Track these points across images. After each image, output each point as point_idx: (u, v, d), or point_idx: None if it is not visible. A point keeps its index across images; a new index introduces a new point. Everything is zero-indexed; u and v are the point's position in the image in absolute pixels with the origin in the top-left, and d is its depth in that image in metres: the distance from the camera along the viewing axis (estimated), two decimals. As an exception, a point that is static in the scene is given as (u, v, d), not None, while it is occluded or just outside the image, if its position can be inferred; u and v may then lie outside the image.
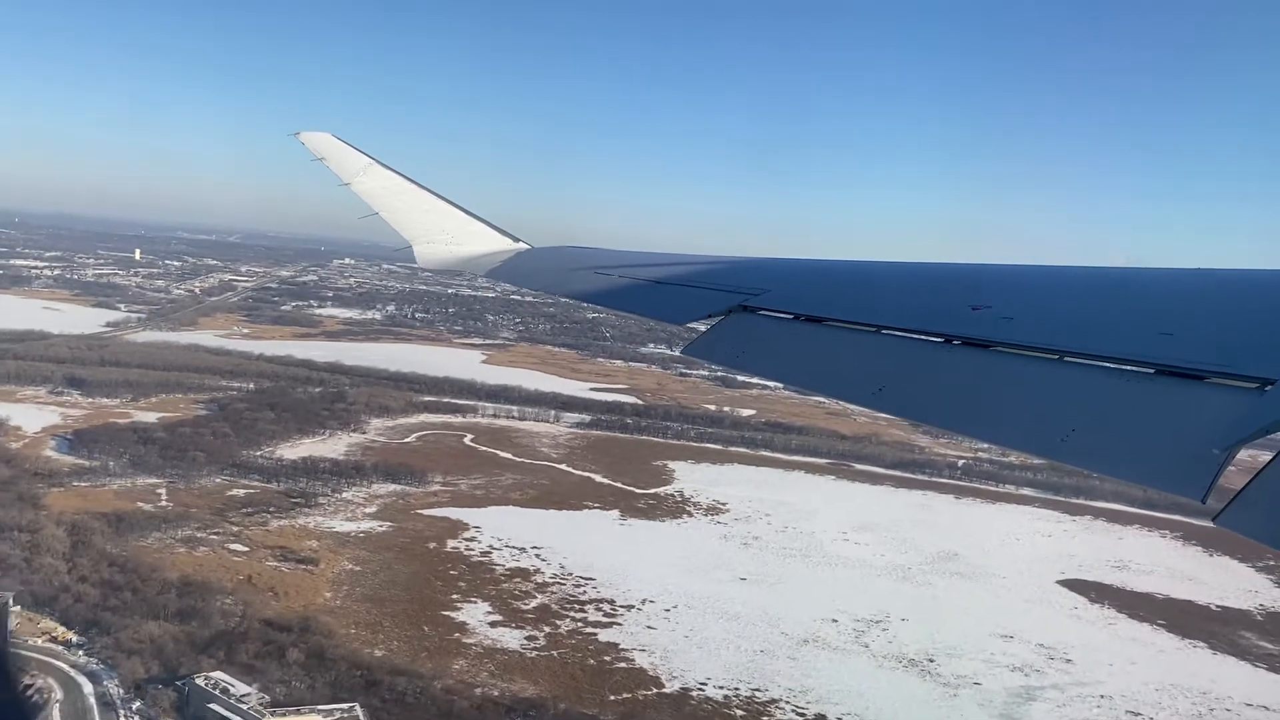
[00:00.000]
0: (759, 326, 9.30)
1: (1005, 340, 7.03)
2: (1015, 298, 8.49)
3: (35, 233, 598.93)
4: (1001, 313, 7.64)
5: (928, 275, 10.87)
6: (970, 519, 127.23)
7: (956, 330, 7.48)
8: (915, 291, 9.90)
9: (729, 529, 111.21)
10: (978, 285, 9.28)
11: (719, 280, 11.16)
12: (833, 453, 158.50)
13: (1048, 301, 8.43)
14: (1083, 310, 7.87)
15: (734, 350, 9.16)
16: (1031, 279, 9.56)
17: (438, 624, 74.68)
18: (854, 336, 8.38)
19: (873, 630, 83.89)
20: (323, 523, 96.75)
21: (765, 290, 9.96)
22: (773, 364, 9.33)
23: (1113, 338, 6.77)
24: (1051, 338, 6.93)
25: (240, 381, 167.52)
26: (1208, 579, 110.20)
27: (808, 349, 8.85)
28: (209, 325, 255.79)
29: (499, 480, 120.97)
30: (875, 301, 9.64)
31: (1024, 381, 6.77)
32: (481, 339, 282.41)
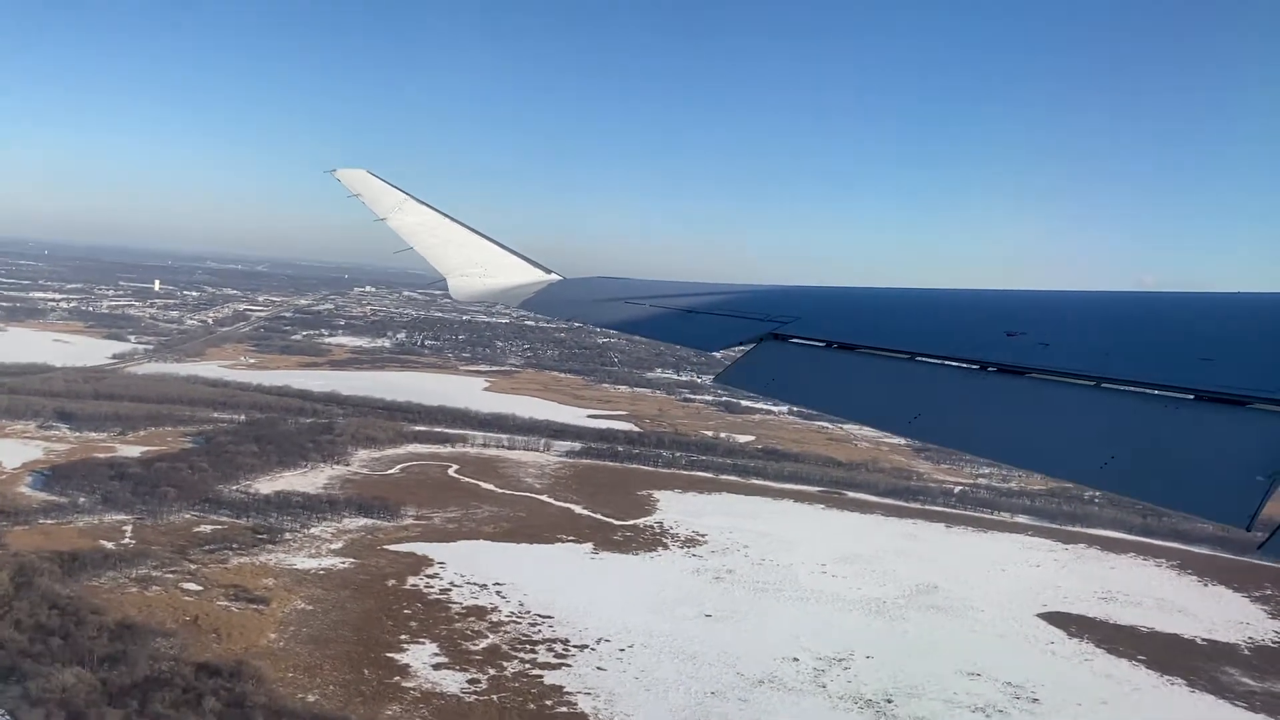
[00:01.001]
0: (791, 354, 9.36)
1: (1041, 366, 7.03)
2: (1051, 324, 8.54)
3: (62, 265, 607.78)
4: (1037, 339, 7.66)
5: (960, 302, 10.93)
6: (957, 549, 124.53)
7: (992, 357, 7.50)
8: (948, 318, 9.90)
9: (704, 562, 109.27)
10: (1012, 311, 9.31)
11: (749, 308, 11.20)
12: (825, 480, 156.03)
13: (1084, 327, 8.44)
14: (1119, 335, 7.82)
15: (766, 378, 9.26)
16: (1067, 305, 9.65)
17: (379, 666, 73.28)
18: (887, 364, 8.44)
19: (834, 669, 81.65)
20: (284, 560, 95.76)
21: (796, 318, 10.04)
22: (806, 392, 9.31)
23: (1151, 363, 6.79)
24: (1088, 363, 6.92)
25: (232, 413, 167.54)
26: (1198, 611, 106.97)
27: (841, 376, 8.89)
28: (216, 356, 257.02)
29: (475, 513, 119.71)
30: (908, 328, 9.65)
31: (1061, 408, 6.77)
32: (488, 365, 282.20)
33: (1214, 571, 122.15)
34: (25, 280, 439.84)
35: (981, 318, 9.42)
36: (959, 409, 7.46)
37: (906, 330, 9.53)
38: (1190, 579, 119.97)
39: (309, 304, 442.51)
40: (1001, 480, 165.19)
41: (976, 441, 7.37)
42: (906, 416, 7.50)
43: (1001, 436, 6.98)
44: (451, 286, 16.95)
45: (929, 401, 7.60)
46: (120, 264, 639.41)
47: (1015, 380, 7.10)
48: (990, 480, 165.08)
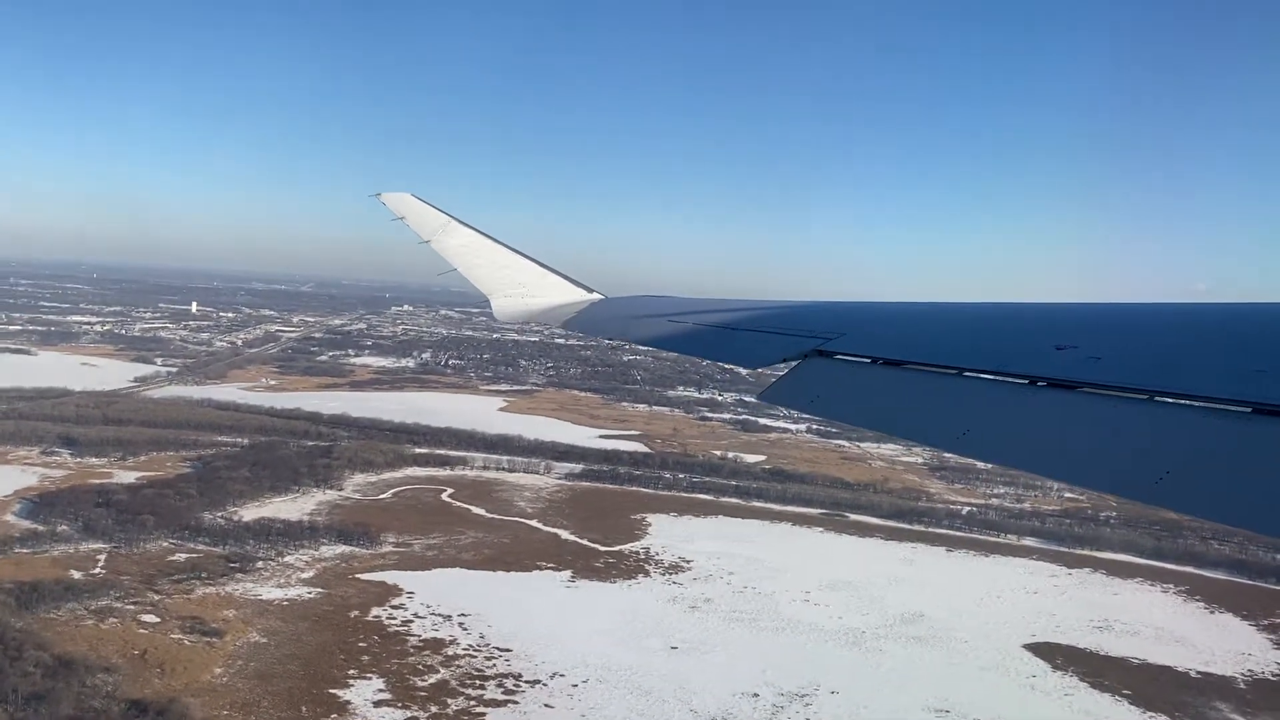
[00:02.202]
0: (836, 371, 9.33)
1: (1093, 381, 6.96)
2: (1101, 337, 8.38)
3: (109, 287, 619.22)
4: (1088, 352, 7.57)
5: (1008, 315, 10.86)
6: (954, 574, 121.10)
7: (1042, 371, 7.45)
8: (996, 332, 9.75)
9: (683, 590, 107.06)
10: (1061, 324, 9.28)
11: (792, 324, 11.15)
12: (829, 502, 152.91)
13: (1135, 340, 8.24)
14: (1172, 348, 7.75)
15: (811, 396, 9.21)
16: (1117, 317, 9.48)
17: (319, 704, 72.04)
18: (935, 380, 8.38)
19: (794, 705, 79.10)
20: (251, 589, 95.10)
21: (840, 334, 9.99)
22: (852, 409, 9.33)
23: (1205, 376, 6.71)
24: (1141, 377, 6.81)
25: (236, 437, 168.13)
26: (1198, 640, 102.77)
27: (888, 393, 8.81)
28: (237, 378, 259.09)
29: (458, 540, 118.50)
30: (955, 343, 9.49)
31: (1114, 423, 6.68)
32: (509, 385, 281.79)
33: (1224, 597, 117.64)
34: (67, 304, 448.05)
35: (1030, 331, 9.35)
36: (1009, 424, 7.41)
37: (953, 345, 9.35)
38: (1196, 606, 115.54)
39: (342, 324, 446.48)
40: (1015, 501, 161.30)
41: (1027, 457, 7.22)
42: (956, 433, 7.44)
43: (1053, 452, 6.88)
44: (495, 307, 17.14)
45: (978, 417, 7.56)
46: (166, 286, 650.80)
47: (1066, 395, 7.06)
48: (1003, 501, 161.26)
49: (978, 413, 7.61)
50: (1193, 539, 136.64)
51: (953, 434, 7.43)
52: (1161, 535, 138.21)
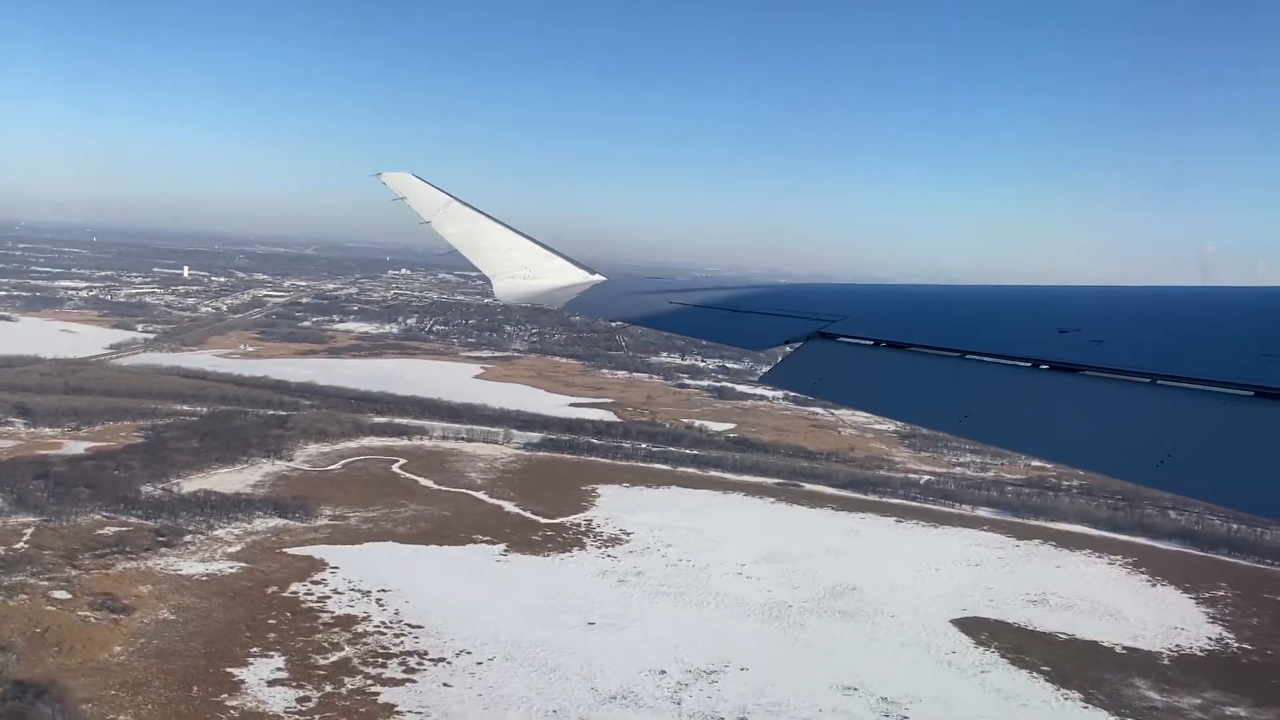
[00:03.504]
0: (839, 353, 9.31)
1: (1095, 364, 6.99)
2: (1104, 320, 8.38)
3: (106, 251, 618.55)
4: (1090, 336, 7.59)
5: (1011, 298, 10.86)
6: (897, 546, 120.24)
7: (1044, 354, 7.46)
8: (999, 315, 9.72)
9: (616, 563, 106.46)
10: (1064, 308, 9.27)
11: (796, 306, 11.08)
12: (787, 471, 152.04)
13: (1138, 323, 8.25)
14: (1175, 332, 7.71)
15: (814, 378, 9.17)
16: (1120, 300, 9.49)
17: (212, 683, 71.68)
18: (938, 362, 8.38)
19: (699, 683, 78.51)
20: (173, 564, 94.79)
21: (843, 316, 9.96)
22: (854, 392, 9.32)
23: (1208, 359, 6.72)
24: (1143, 360, 6.83)
25: (198, 405, 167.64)
26: (1133, 614, 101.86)
27: (890, 376, 8.81)
28: (216, 344, 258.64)
29: (397, 512, 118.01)
30: (957, 326, 9.48)
31: (1116, 406, 6.71)
32: (491, 351, 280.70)
33: (1170, 570, 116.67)
34: (59, 268, 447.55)
35: (1032, 315, 9.32)
36: (1011, 407, 7.42)
37: (956, 328, 9.36)
38: (1139, 579, 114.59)
39: (334, 289, 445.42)
40: (979, 470, 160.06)
41: (1029, 440, 7.33)
42: (957, 416, 7.48)
43: (1054, 435, 6.90)
44: (496, 289, 17.14)
45: (980, 400, 7.58)
46: (164, 249, 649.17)
47: (1068, 378, 7.10)
48: (967, 470, 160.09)
49: (980, 396, 7.65)
50: (1150, 509, 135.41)
51: (955, 417, 7.50)
52: (1119, 506, 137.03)
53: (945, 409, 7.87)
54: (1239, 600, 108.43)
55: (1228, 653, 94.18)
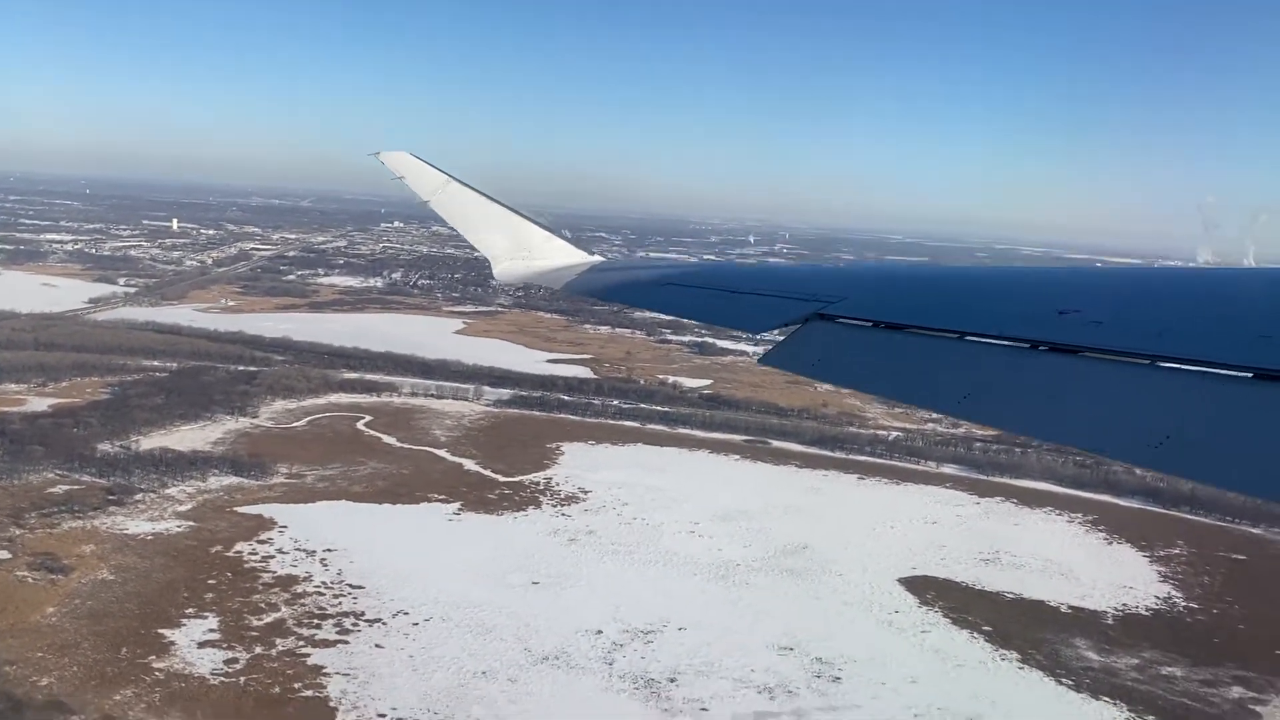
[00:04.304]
0: (837, 334, 9.35)
1: (1094, 345, 7.07)
2: (1104, 301, 8.38)
3: (99, 203, 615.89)
4: (1090, 317, 7.64)
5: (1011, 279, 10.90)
6: (856, 504, 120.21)
7: (1043, 335, 7.50)
8: (999, 296, 9.72)
9: (570, 522, 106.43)
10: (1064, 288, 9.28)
11: (793, 288, 11.02)
12: (756, 428, 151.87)
13: (1138, 304, 8.23)
14: (1175, 313, 7.68)
15: (812, 359, 9.26)
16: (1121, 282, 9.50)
17: (142, 645, 71.80)
18: (937, 343, 8.41)
19: (634, 644, 78.60)
20: (119, 524, 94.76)
21: (842, 297, 9.96)
22: (853, 373, 9.42)
23: (1207, 341, 6.80)
24: (1143, 342, 6.86)
25: (168, 361, 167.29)
26: (1084, 573, 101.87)
27: (889, 357, 8.83)
28: (197, 298, 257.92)
29: (355, 471, 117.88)
30: (957, 307, 9.45)
31: (1115, 387, 6.78)
32: (474, 305, 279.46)
33: (1128, 527, 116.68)
34: (48, 221, 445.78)
35: (1033, 295, 9.33)
36: (1010, 389, 7.48)
37: (956, 309, 9.33)
38: (1097, 536, 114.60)
39: (323, 241, 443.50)
40: (950, 426, 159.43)
41: (1027, 422, 7.38)
42: (956, 397, 7.54)
43: (1053, 416, 6.96)
44: (495, 270, 17.24)
45: (979, 381, 7.62)
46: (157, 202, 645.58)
47: (1067, 359, 7.17)
48: (938, 426, 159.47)
49: (979, 377, 7.67)
50: (1117, 467, 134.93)
51: (954, 398, 7.55)
52: (1086, 464, 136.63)
53: (944, 390, 7.95)
54: (1193, 559, 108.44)
55: (1174, 612, 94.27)
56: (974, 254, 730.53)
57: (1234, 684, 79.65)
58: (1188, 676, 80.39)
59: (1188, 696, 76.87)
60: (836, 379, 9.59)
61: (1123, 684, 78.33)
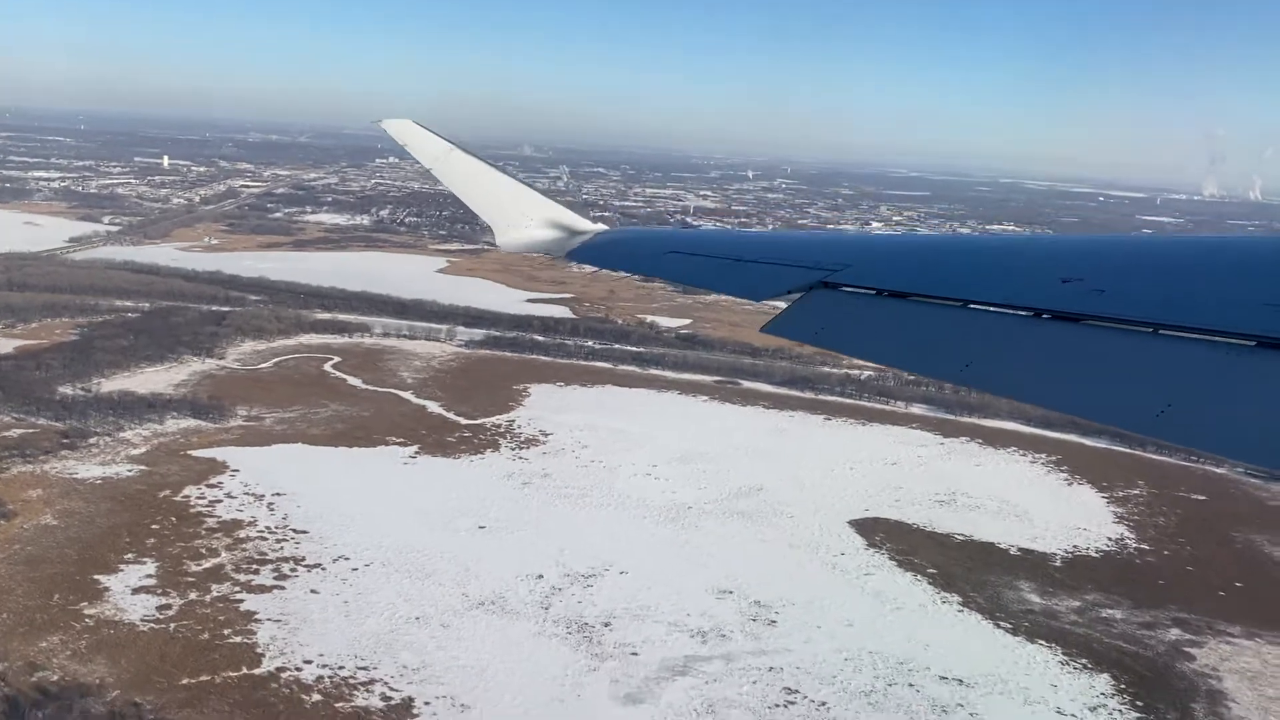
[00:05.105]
0: (841, 303, 9.41)
1: (1097, 313, 7.18)
2: (1107, 269, 8.40)
3: (91, 139, 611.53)
4: (1093, 285, 7.67)
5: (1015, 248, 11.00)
6: (818, 444, 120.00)
7: (1046, 304, 7.60)
8: (1002, 265, 9.71)
9: (526, 465, 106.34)
10: (1068, 257, 9.30)
11: (798, 256, 11.12)
12: (728, 369, 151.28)
13: (1141, 273, 8.19)
14: (1177, 281, 7.67)
15: (816, 327, 9.29)
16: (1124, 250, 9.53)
17: (75, 591, 72.06)
18: (940, 311, 8.48)
19: (573, 588, 78.75)
20: (70, 468, 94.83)
21: (846, 266, 9.99)
22: (856, 341, 9.34)
23: (1210, 309, 6.78)
24: (1145, 310, 6.93)
25: (142, 301, 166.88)
26: (1039, 514, 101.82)
27: (892, 325, 8.89)
28: (181, 237, 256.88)
29: (316, 413, 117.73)
30: (961, 276, 9.43)
31: (1117, 356, 6.84)
32: (461, 244, 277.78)
33: (1091, 468, 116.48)
34: (38, 158, 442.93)
35: (1036, 264, 9.32)
36: (1012, 357, 7.53)
37: (959, 277, 9.32)
38: (1058, 477, 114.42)
39: (314, 178, 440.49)
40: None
41: (1030, 389, 7.34)
42: (959, 365, 7.60)
43: (1055, 384, 6.98)
44: (498, 239, 17.31)
45: (982, 349, 7.69)
46: (152, 138, 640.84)
47: (1070, 327, 7.24)
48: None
49: (982, 345, 7.75)
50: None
51: (956, 366, 7.59)
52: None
53: (947, 358, 7.96)
54: (1151, 500, 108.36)
55: (1124, 554, 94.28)
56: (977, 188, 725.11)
57: (1173, 626, 79.83)
58: (1127, 619, 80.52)
59: (1124, 639, 76.98)
60: (839, 347, 9.59)
61: (1061, 627, 78.47)
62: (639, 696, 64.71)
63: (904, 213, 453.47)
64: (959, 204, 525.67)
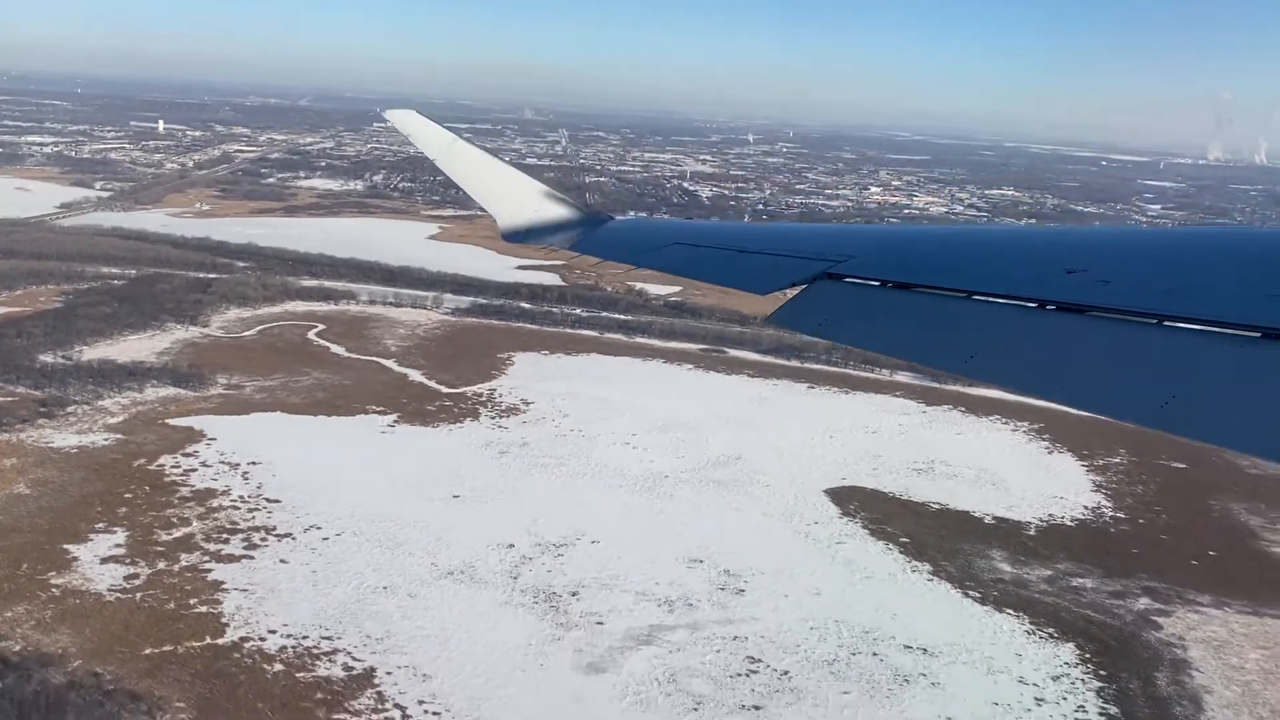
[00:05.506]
0: (845, 294, 9.45)
1: (1101, 304, 7.19)
2: (1112, 260, 8.39)
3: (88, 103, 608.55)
4: (1098, 276, 7.67)
5: (1019, 239, 11.06)
6: (800, 413, 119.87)
7: (1050, 295, 7.62)
8: (1007, 256, 9.74)
9: (505, 434, 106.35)
10: (1072, 248, 9.28)
11: (802, 248, 11.19)
12: (714, 337, 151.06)
13: (1146, 264, 8.16)
14: (1182, 273, 7.60)
15: (820, 318, 9.27)
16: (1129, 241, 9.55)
17: (45, 560, 72.27)
18: (944, 303, 8.49)
19: (544, 557, 78.92)
20: (46, 436, 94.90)
21: (850, 257, 10.05)
22: (860, 332, 9.44)
23: (1215, 301, 6.76)
24: (1150, 301, 6.96)
25: (128, 268, 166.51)
26: (1017, 483, 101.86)
27: (896, 316, 8.93)
28: (172, 202, 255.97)
29: (297, 381, 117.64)
30: (965, 267, 9.42)
31: (1121, 347, 6.89)
32: (454, 209, 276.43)
33: (1072, 436, 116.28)
34: (32, 122, 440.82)
35: (1040, 255, 9.36)
36: (1016, 348, 7.54)
37: (963, 268, 9.31)
38: (1038, 446, 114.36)
39: (310, 142, 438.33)
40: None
41: (1034, 380, 7.31)
42: (963, 356, 7.64)
43: (1059, 375, 6.95)
44: (501, 229, 17.37)
45: (986, 340, 7.72)
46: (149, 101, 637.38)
47: (1074, 319, 7.24)
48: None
49: (986, 336, 7.77)
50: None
51: (961, 357, 7.65)
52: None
53: (951, 349, 7.97)
54: (1131, 468, 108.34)
55: (1099, 523, 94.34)
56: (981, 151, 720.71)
57: (1143, 595, 79.97)
58: (1097, 588, 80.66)
59: (1092, 609, 77.16)
60: (843, 338, 9.62)
61: (1030, 596, 78.65)
62: (601, 666, 64.95)
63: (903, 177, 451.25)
64: (960, 168, 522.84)
